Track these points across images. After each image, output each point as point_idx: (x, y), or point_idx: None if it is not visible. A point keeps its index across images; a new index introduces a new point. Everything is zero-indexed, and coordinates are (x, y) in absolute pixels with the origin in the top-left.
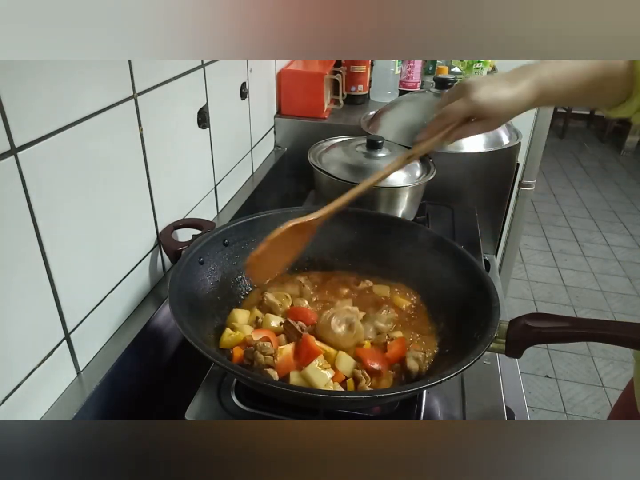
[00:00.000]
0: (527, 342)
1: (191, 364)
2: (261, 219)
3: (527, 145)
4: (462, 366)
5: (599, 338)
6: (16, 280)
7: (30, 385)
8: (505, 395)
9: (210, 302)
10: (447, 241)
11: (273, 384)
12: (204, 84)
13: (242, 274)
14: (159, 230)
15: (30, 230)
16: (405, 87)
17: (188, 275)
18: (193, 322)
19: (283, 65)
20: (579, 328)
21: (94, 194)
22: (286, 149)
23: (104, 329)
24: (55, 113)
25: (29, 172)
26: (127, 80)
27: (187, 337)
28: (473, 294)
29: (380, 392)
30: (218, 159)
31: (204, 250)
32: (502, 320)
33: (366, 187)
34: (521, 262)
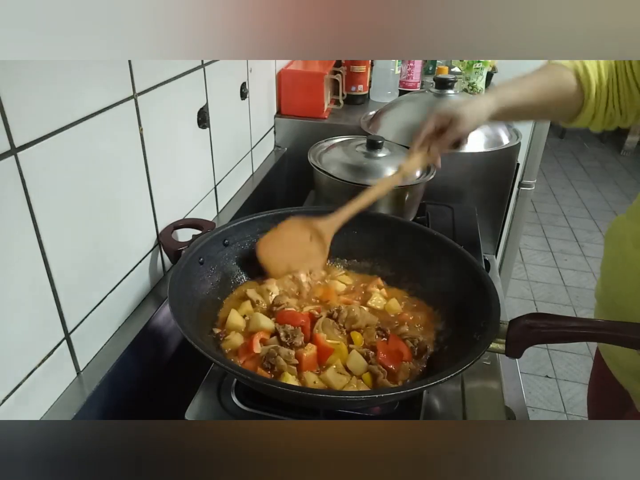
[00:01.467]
0: (527, 342)
1: (191, 364)
2: (261, 219)
3: (527, 145)
4: (462, 366)
5: (599, 338)
6: (16, 280)
7: (30, 385)
8: (505, 395)
9: (210, 302)
10: (447, 241)
11: (273, 384)
12: (204, 84)
13: (242, 273)
14: (159, 230)
15: (30, 230)
16: (405, 87)
17: (188, 275)
18: (193, 322)
19: (283, 65)
20: (579, 328)
21: (94, 194)
22: (286, 149)
23: (104, 329)
24: (55, 113)
25: (29, 172)
26: (127, 80)
27: (187, 337)
28: (473, 294)
29: (380, 392)
30: (218, 159)
31: (204, 250)
32: (502, 321)
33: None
34: (521, 262)
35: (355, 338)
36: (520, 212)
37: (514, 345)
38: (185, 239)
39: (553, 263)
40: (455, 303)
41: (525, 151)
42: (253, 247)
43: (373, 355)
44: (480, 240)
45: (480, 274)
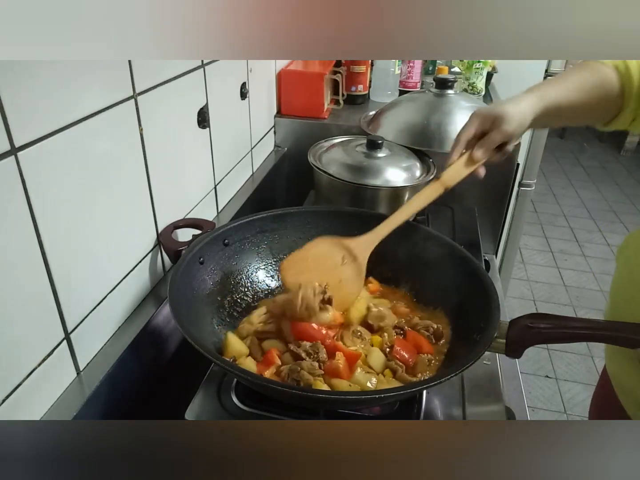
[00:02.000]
0: (527, 342)
1: (191, 364)
2: (261, 219)
3: (527, 145)
4: (462, 366)
5: (599, 338)
6: (16, 280)
7: (30, 385)
8: (505, 395)
9: (210, 302)
10: (447, 241)
11: (273, 384)
12: (204, 84)
13: (242, 273)
14: (159, 230)
15: (31, 230)
16: (405, 87)
17: (188, 275)
18: (193, 322)
19: (283, 65)
20: (579, 328)
21: (94, 194)
22: (286, 149)
23: (104, 329)
24: (55, 113)
25: (29, 172)
26: (127, 80)
27: (187, 337)
28: (473, 294)
29: (380, 392)
30: (218, 159)
31: (204, 250)
32: (502, 321)
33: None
34: (521, 262)
35: (376, 341)
36: (520, 212)
37: (514, 346)
38: (186, 239)
39: (553, 263)
40: (456, 303)
41: (525, 151)
42: (253, 247)
43: (389, 352)
44: (480, 240)
45: (480, 274)
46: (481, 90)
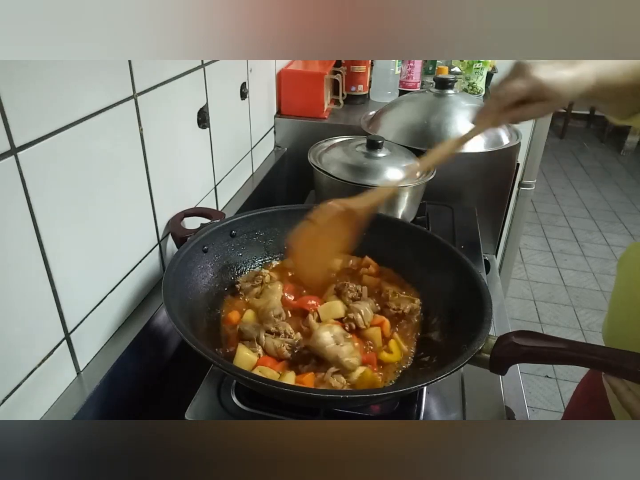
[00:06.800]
0: (512, 360)
1: (191, 364)
2: (272, 213)
3: (527, 145)
4: (438, 376)
5: (589, 363)
6: (16, 280)
7: (30, 385)
8: (505, 395)
9: (207, 292)
10: (449, 246)
11: (273, 384)
12: (204, 84)
13: (245, 266)
14: (167, 221)
15: (31, 230)
16: (405, 87)
17: (189, 262)
18: (186, 311)
19: (283, 65)
20: (568, 350)
21: (94, 194)
22: (286, 149)
23: (104, 329)
24: (55, 113)
25: (29, 172)
26: (127, 80)
27: (186, 338)
28: (468, 305)
29: (379, 391)
30: (218, 159)
31: (209, 238)
32: (491, 335)
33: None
34: (521, 262)
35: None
36: (520, 212)
37: (498, 362)
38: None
39: (553, 263)
40: (450, 309)
41: (525, 151)
42: (260, 240)
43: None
44: (480, 240)
45: (477, 282)
46: (481, 90)
